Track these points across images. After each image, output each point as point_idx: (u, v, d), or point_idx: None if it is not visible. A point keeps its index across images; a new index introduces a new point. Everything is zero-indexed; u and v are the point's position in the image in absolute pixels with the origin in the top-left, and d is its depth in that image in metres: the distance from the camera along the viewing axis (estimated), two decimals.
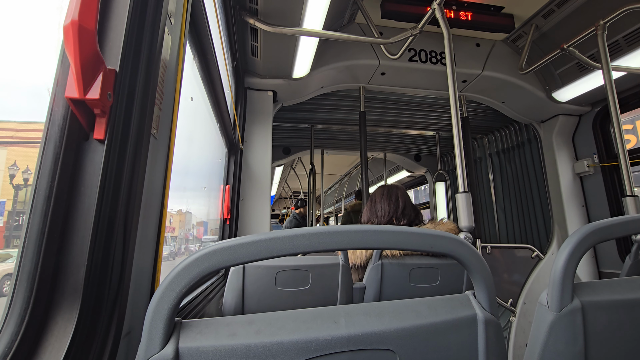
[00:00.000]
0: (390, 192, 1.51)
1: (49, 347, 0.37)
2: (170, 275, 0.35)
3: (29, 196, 0.39)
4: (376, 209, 1.48)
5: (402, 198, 1.51)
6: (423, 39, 2.33)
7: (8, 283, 0.87)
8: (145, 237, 0.56)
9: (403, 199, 1.51)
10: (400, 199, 1.50)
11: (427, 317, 0.39)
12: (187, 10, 0.77)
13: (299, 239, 0.37)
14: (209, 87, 1.48)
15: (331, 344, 0.36)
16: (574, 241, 0.47)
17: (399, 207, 1.48)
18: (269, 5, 1.66)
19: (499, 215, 3.67)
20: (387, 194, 1.50)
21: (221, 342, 0.35)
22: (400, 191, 1.53)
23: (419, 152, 4.66)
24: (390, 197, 1.49)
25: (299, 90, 2.41)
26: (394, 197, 1.49)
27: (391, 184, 1.67)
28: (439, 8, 1.57)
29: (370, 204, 1.53)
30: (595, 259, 2.63)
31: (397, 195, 1.51)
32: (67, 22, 0.39)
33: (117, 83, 0.47)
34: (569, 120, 2.76)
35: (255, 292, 1.12)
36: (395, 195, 1.50)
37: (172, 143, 0.68)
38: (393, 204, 1.48)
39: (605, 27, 1.80)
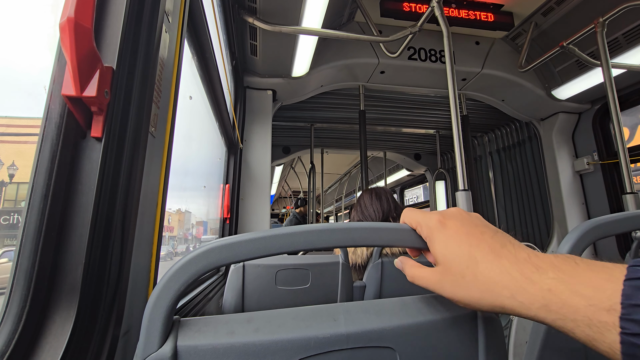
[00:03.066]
0: (378, 194, 1.53)
1: (46, 345, 0.37)
2: (167, 274, 0.35)
3: (27, 194, 0.39)
4: (368, 211, 1.49)
5: (391, 199, 1.53)
6: (422, 37, 2.33)
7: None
8: (143, 236, 0.55)
9: (392, 199, 1.53)
10: (389, 199, 1.51)
11: (427, 314, 0.39)
12: (185, 9, 0.77)
13: (297, 237, 0.36)
14: (208, 86, 1.48)
15: (330, 341, 0.36)
16: (574, 237, 0.47)
17: (391, 207, 1.49)
18: (268, 4, 1.66)
19: (499, 213, 3.67)
20: (375, 196, 1.52)
21: (219, 341, 0.34)
22: (388, 193, 1.55)
23: (419, 151, 4.66)
24: (380, 198, 1.51)
25: (298, 89, 2.41)
26: (383, 198, 1.51)
27: (376, 186, 1.68)
28: (438, 6, 1.57)
29: (360, 208, 1.54)
30: (595, 256, 2.63)
31: (386, 196, 1.52)
32: (63, 19, 0.39)
33: (114, 81, 0.46)
34: (569, 118, 2.76)
35: (255, 291, 1.12)
36: (385, 196, 1.52)
37: (171, 142, 0.68)
38: (385, 203, 1.49)
39: (604, 25, 1.79)
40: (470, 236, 0.35)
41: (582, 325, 0.26)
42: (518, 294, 0.30)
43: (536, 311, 0.29)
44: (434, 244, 0.37)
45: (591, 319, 0.26)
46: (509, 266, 0.32)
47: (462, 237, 0.35)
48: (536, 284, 0.29)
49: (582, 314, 0.26)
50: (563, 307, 0.27)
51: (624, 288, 0.25)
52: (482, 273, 0.33)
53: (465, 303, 0.34)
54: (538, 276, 0.29)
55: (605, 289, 0.26)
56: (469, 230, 0.36)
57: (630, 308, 0.24)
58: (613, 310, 0.25)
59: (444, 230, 0.36)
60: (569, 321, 0.27)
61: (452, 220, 0.37)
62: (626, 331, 0.24)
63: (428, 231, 0.37)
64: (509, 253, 0.33)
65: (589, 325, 0.26)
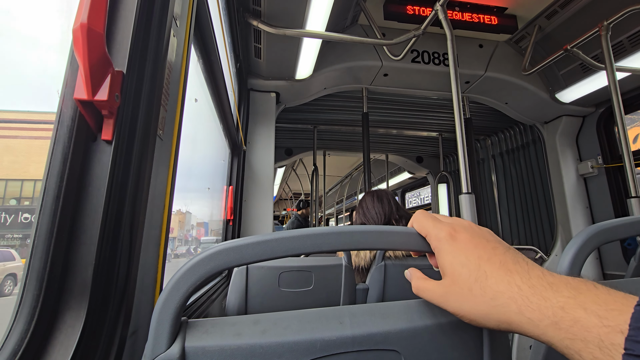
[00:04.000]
0: (380, 196, 1.53)
1: (57, 345, 0.37)
2: (176, 275, 0.35)
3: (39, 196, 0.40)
4: (370, 214, 1.50)
5: (393, 200, 1.53)
6: (426, 40, 2.34)
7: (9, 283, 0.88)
8: (151, 237, 0.56)
9: (393, 201, 1.53)
10: (391, 201, 1.51)
11: (432, 317, 0.39)
12: (192, 13, 0.78)
13: (305, 239, 0.37)
14: (213, 88, 1.49)
15: (336, 344, 0.36)
16: (579, 242, 0.47)
17: (393, 209, 1.49)
18: (272, 7, 1.67)
19: (502, 216, 3.66)
20: (377, 198, 1.52)
21: (227, 342, 0.35)
22: (390, 195, 1.55)
23: (421, 154, 4.65)
24: (381, 201, 1.51)
25: (301, 91, 2.42)
26: (385, 200, 1.51)
27: (378, 189, 1.68)
28: (441, 9, 1.57)
29: (362, 210, 1.54)
30: (599, 261, 2.61)
31: (388, 198, 1.52)
32: (76, 25, 0.40)
33: (124, 84, 0.47)
34: (573, 121, 2.75)
35: (258, 293, 1.12)
36: (387, 198, 1.52)
37: (178, 144, 0.69)
38: (386, 206, 1.49)
39: (609, 28, 1.79)
40: (480, 250, 0.35)
41: (591, 346, 0.25)
42: (527, 310, 0.29)
43: (545, 329, 0.28)
44: (442, 255, 0.36)
45: (603, 340, 0.25)
46: (521, 282, 0.31)
47: (472, 250, 0.35)
48: (548, 300, 0.28)
49: (594, 334, 0.25)
50: (574, 325, 0.26)
51: (634, 312, 0.25)
52: (490, 287, 0.32)
53: (471, 319, 0.33)
54: (551, 293, 0.29)
55: (623, 312, 0.25)
56: (480, 244, 0.35)
57: (638, 330, 0.23)
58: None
59: (453, 243, 0.36)
60: (579, 341, 0.26)
61: (463, 233, 0.36)
62: (630, 352, 0.23)
63: (437, 242, 0.37)
64: (521, 269, 0.32)
65: (599, 346, 0.25)
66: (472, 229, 0.37)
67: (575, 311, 0.27)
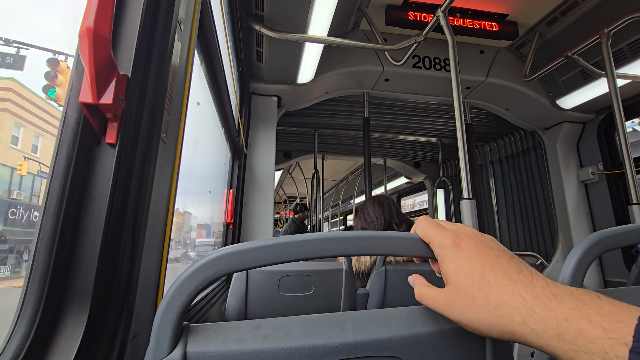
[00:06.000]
0: (381, 202, 1.53)
1: (58, 349, 0.37)
2: (179, 280, 0.35)
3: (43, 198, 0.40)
4: (370, 218, 1.50)
5: (394, 206, 1.53)
6: (427, 46, 2.35)
7: None
8: (153, 241, 0.56)
9: (394, 206, 1.53)
10: (392, 207, 1.52)
11: (434, 324, 0.39)
12: (196, 17, 0.79)
13: (308, 245, 0.37)
14: (215, 92, 1.49)
15: (338, 350, 0.36)
16: (582, 249, 0.47)
17: (394, 214, 1.49)
18: (275, 12, 1.68)
19: (500, 222, 3.65)
20: (378, 203, 1.53)
21: (229, 347, 0.35)
22: (390, 200, 1.56)
23: (419, 159, 4.66)
24: (382, 206, 1.51)
25: (303, 95, 2.43)
26: (385, 205, 1.52)
27: (379, 194, 1.69)
28: (443, 15, 1.59)
29: (363, 215, 1.54)
30: (600, 268, 2.60)
31: (389, 203, 1.53)
32: (82, 28, 0.40)
33: (128, 88, 0.47)
34: (574, 127, 2.75)
35: (258, 297, 1.12)
36: (387, 204, 1.52)
37: (180, 148, 0.69)
38: (387, 211, 1.49)
39: (609, 35, 1.80)
40: (484, 258, 0.34)
41: (596, 358, 0.25)
42: (531, 321, 0.29)
43: (548, 340, 0.28)
44: (446, 262, 0.36)
45: (607, 353, 0.25)
46: (524, 292, 0.30)
47: (476, 258, 0.34)
48: (552, 311, 0.28)
49: (598, 346, 0.25)
50: (579, 337, 0.26)
51: (638, 323, 0.24)
52: (494, 297, 0.32)
53: (474, 328, 0.33)
54: (555, 304, 0.29)
55: (628, 324, 0.25)
56: (484, 252, 0.35)
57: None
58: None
59: (457, 251, 0.35)
60: (583, 353, 0.26)
61: (467, 240, 0.36)
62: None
63: (441, 249, 0.37)
64: (525, 279, 0.32)
65: (604, 358, 0.25)
66: (475, 237, 0.37)
67: (579, 323, 0.27)
